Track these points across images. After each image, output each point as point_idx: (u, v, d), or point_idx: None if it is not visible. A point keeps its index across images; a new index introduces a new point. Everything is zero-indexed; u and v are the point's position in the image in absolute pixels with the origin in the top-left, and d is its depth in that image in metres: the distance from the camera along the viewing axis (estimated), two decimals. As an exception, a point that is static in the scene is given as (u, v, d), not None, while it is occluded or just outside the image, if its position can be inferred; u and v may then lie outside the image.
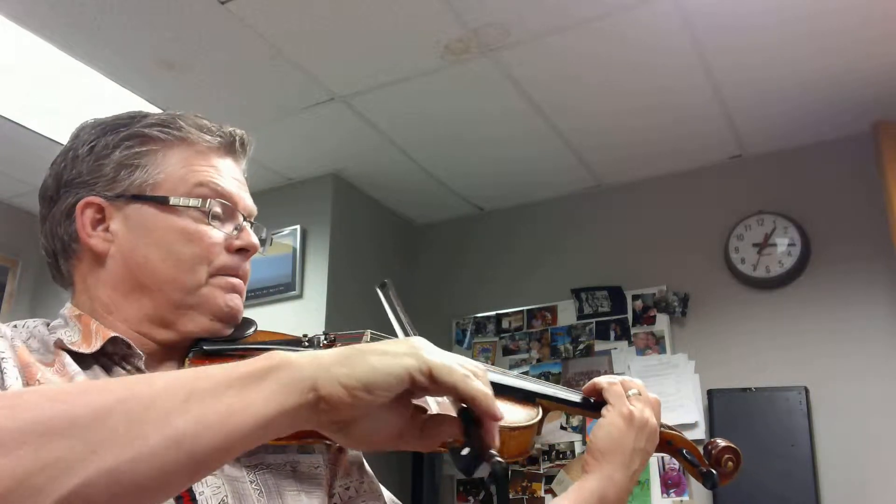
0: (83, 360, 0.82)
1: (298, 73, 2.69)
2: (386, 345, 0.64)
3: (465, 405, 0.64)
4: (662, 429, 1.04)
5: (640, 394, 1.02)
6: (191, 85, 2.73)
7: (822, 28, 2.45)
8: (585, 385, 1.06)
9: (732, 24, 2.44)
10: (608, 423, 0.98)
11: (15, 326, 0.84)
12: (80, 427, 0.50)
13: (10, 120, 2.94)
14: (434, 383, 0.62)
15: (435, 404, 0.69)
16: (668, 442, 1.07)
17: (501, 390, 0.96)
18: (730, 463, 1.05)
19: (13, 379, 0.74)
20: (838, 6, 2.35)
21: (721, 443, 1.07)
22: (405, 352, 0.62)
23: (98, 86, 2.69)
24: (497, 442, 0.64)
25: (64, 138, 0.94)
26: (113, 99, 2.72)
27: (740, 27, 2.45)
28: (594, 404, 1.03)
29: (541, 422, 0.94)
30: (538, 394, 0.98)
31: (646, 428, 0.99)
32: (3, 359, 0.76)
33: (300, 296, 3.27)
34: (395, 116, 2.98)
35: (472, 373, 0.64)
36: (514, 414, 0.92)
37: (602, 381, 1.03)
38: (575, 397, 1.04)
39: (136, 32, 2.45)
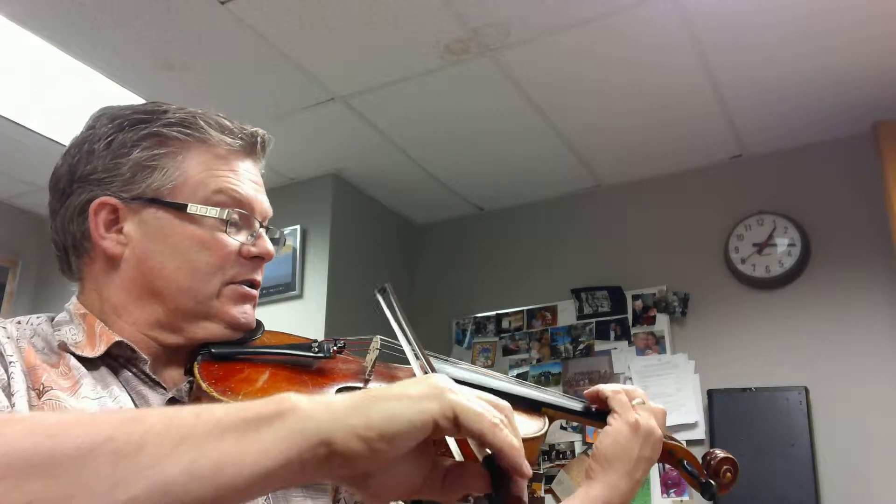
0: (89, 361, 0.81)
1: (298, 73, 2.69)
2: (404, 387, 0.58)
3: (490, 453, 0.60)
4: (665, 439, 1.05)
5: (643, 403, 1.02)
6: (191, 85, 2.73)
7: (822, 28, 2.45)
8: (588, 390, 1.05)
9: (732, 24, 2.44)
10: (614, 431, 0.98)
11: (19, 323, 0.83)
12: (62, 467, 0.47)
13: (10, 120, 2.94)
14: (458, 429, 0.57)
15: (457, 449, 0.63)
16: (670, 452, 1.08)
17: (507, 399, 0.96)
18: (728, 474, 1.06)
19: (20, 383, 0.73)
20: (838, 6, 2.35)
21: (720, 454, 1.08)
22: (427, 395, 0.57)
23: (98, 86, 2.69)
24: (526, 497, 0.59)
25: (64, 138, 0.93)
26: (113, 99, 2.72)
27: (740, 27, 2.45)
28: (598, 413, 1.04)
29: (546, 432, 0.94)
30: (545, 403, 0.98)
31: (651, 437, 1.00)
32: (10, 363, 0.75)
33: (300, 296, 3.27)
34: (395, 116, 2.98)
35: (501, 419, 0.59)
36: (520, 425, 0.92)
37: (606, 389, 1.03)
38: (580, 406, 1.04)
39: (136, 32, 2.45)
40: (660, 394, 3.02)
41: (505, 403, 0.62)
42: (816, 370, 2.89)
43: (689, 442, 2.96)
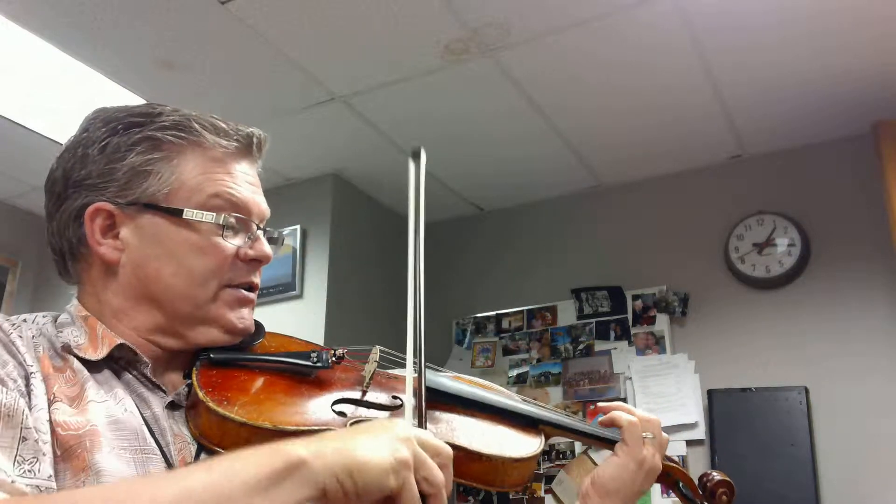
0: (92, 364, 0.81)
1: (298, 73, 2.68)
2: (376, 451, 0.68)
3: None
4: (664, 461, 1.06)
5: (654, 437, 1.04)
6: (191, 85, 2.73)
7: (822, 28, 2.45)
8: (604, 418, 1.07)
9: (732, 24, 2.44)
10: (621, 465, 1.00)
11: (24, 321, 0.83)
12: None
13: (10, 120, 2.94)
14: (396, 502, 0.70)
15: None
16: (668, 474, 1.09)
17: (504, 415, 0.96)
18: (724, 497, 1.08)
19: (40, 397, 0.74)
20: (838, 6, 2.35)
21: (717, 476, 1.09)
22: (391, 468, 0.68)
23: (98, 86, 2.69)
24: None
25: (64, 138, 0.93)
26: (113, 99, 2.72)
27: (740, 27, 2.45)
28: (599, 436, 1.05)
29: (542, 450, 0.94)
30: (542, 420, 0.99)
31: (653, 473, 1.03)
32: (31, 374, 0.75)
33: (300, 296, 3.27)
34: (395, 116, 2.98)
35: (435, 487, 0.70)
36: (515, 443, 0.93)
37: (622, 417, 1.05)
38: (578, 425, 1.05)
39: (136, 32, 2.45)
40: (660, 394, 3.02)
41: (447, 452, 0.73)
42: (816, 370, 2.89)
43: (688, 442, 2.96)
